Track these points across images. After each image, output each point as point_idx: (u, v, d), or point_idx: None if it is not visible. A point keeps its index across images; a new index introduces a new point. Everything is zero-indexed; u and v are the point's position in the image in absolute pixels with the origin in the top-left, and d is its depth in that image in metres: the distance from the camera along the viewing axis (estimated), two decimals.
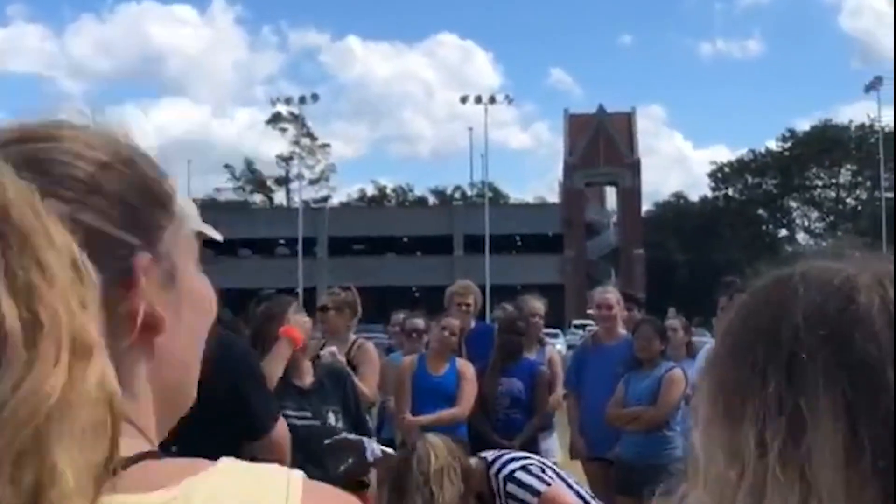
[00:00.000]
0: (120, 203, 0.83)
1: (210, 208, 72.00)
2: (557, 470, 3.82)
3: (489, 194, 69.76)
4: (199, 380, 0.91)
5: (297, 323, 4.52)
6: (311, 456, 4.36)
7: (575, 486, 3.82)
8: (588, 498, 3.80)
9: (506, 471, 3.67)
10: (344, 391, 4.70)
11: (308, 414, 4.47)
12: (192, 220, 0.94)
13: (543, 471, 3.70)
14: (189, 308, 0.88)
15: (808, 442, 0.75)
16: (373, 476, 4.63)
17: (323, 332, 6.21)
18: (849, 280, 0.79)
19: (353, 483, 5.04)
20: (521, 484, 3.64)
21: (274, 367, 4.33)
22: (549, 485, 3.63)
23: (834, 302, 0.78)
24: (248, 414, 3.67)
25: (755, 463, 0.76)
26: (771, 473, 0.75)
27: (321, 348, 6.13)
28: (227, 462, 0.80)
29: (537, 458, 3.84)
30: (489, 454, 3.87)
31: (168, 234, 0.87)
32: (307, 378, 4.59)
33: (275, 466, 0.81)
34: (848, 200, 73.63)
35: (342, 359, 6.04)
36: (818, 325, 0.77)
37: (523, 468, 3.67)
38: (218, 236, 1.10)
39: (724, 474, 0.78)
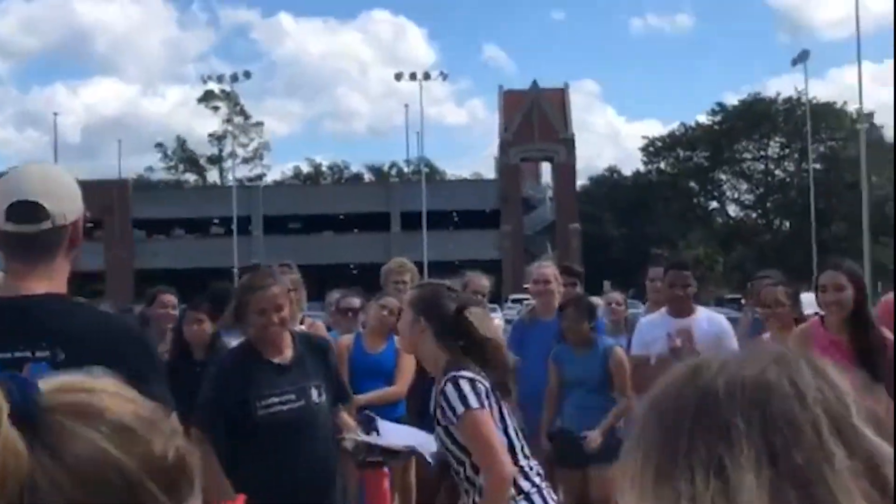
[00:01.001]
0: (164, 464, 0.91)
1: (142, 188, 70.98)
2: (504, 409, 3.68)
3: (425, 171, 69.67)
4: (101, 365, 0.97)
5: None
6: (300, 441, 4.34)
7: (508, 429, 3.67)
8: (518, 448, 3.67)
9: (453, 374, 3.58)
10: (326, 363, 4.57)
11: (291, 395, 4.34)
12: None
13: (488, 396, 3.58)
14: None
15: (736, 488, 0.84)
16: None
17: None
18: (756, 361, 0.92)
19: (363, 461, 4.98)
20: (457, 389, 3.53)
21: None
22: (482, 408, 3.51)
23: (749, 377, 0.90)
24: None
25: None
26: None
27: (301, 322, 6.10)
28: None
29: (489, 385, 3.62)
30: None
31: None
32: (287, 352, 4.44)
33: None
34: (776, 172, 74.77)
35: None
36: (738, 394, 0.89)
37: (470, 380, 3.56)
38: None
39: None
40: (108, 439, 0.88)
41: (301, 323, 6.25)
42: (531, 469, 3.67)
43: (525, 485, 3.61)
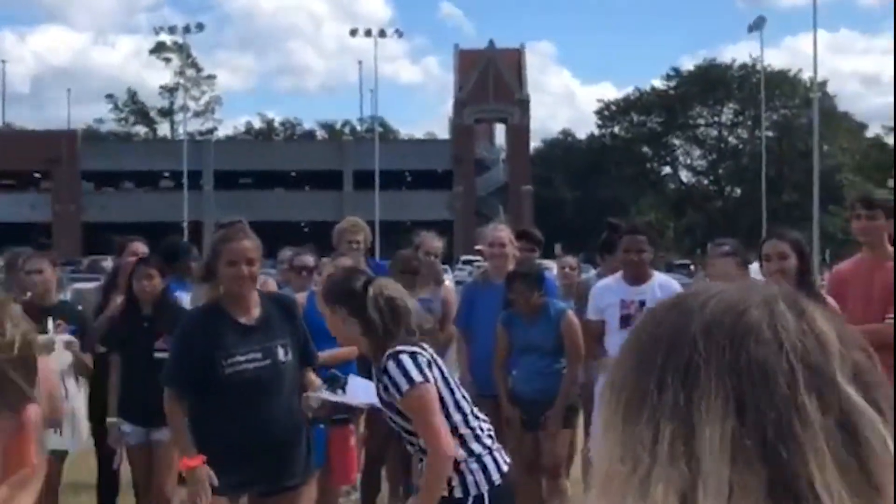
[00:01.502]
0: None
1: (92, 139, 69.82)
2: (448, 375, 3.72)
3: (379, 129, 69.29)
4: None
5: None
6: (266, 400, 4.40)
7: (454, 394, 3.71)
8: (466, 410, 3.71)
9: (393, 350, 3.60)
10: (293, 321, 4.62)
11: (258, 355, 4.39)
12: None
13: (430, 366, 3.61)
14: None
15: (697, 437, 0.81)
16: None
17: None
18: (742, 300, 0.87)
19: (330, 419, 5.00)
20: (400, 366, 3.56)
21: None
22: (426, 381, 3.54)
23: (729, 316, 0.86)
24: None
25: (647, 458, 0.82)
26: (659, 466, 0.81)
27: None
28: None
29: (433, 353, 3.69)
30: None
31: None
32: (254, 312, 4.48)
33: None
34: (730, 139, 75.30)
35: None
36: (714, 334, 0.85)
37: (411, 354, 3.59)
38: None
39: (617, 471, 0.84)
40: None
41: None
42: (482, 431, 3.69)
43: (476, 447, 3.64)
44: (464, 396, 3.76)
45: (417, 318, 3.79)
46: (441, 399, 3.64)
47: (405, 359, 3.57)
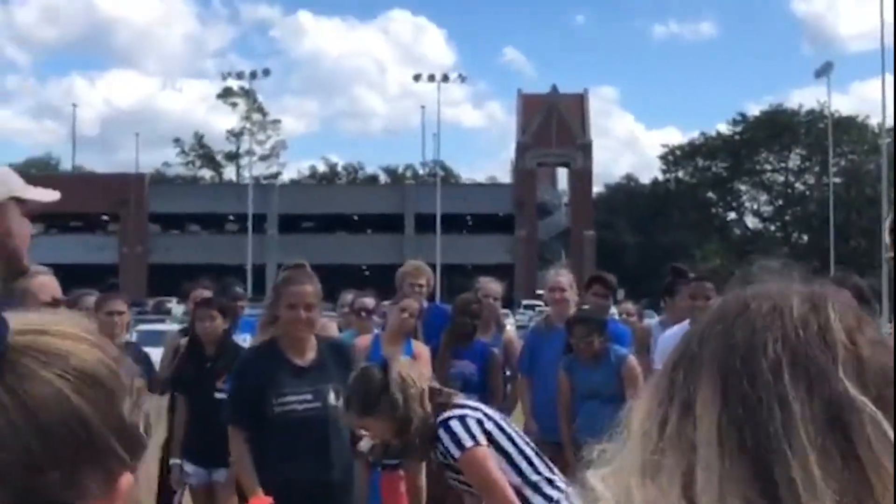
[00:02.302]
0: (123, 420, 0.87)
1: (159, 182, 71.15)
2: (503, 425, 3.69)
3: (441, 173, 69.63)
4: None
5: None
6: (315, 441, 4.44)
7: (517, 444, 3.69)
8: (529, 455, 3.69)
9: (444, 416, 3.61)
10: (346, 367, 4.58)
11: (308, 396, 4.45)
12: None
13: (481, 424, 3.60)
14: None
15: (695, 425, 0.84)
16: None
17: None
18: (760, 293, 0.89)
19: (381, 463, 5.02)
20: (449, 432, 3.57)
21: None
22: (476, 444, 3.54)
23: (736, 306, 0.88)
24: None
25: (657, 434, 0.86)
26: (669, 443, 0.85)
27: None
28: None
29: (485, 410, 3.70)
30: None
31: (141, 462, 0.90)
32: (309, 355, 4.55)
33: None
34: (796, 185, 74.48)
35: None
36: (714, 324, 0.88)
37: (460, 418, 3.58)
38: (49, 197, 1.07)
39: (639, 443, 0.88)
40: (72, 386, 0.84)
41: None
42: (555, 474, 3.71)
43: (552, 492, 3.65)
44: (527, 443, 3.75)
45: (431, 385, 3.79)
46: (503, 451, 3.63)
47: (454, 424, 3.59)
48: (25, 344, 0.85)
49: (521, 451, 3.69)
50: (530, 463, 3.69)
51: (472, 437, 3.56)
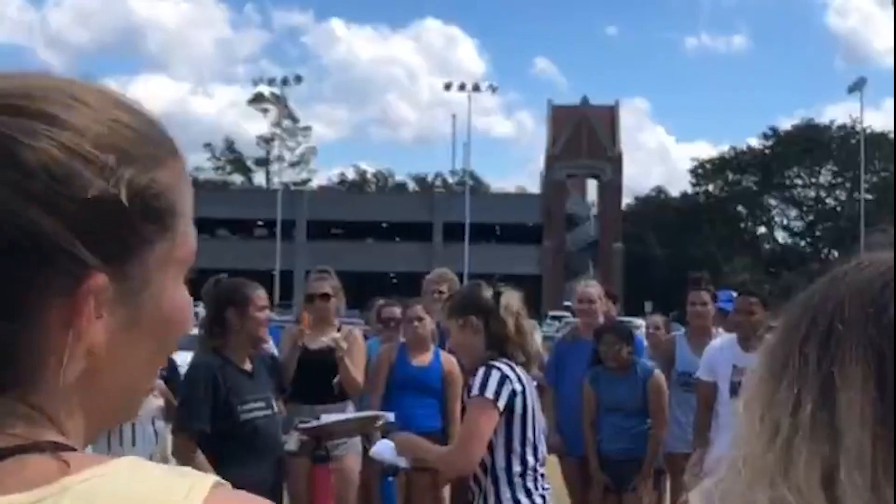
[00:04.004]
0: (90, 209, 0.73)
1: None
2: (532, 414, 3.73)
3: (470, 182, 69.66)
4: None
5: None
6: (272, 449, 4.58)
7: (528, 433, 3.72)
8: (530, 464, 3.72)
9: (495, 363, 3.70)
10: (277, 378, 4.93)
11: (262, 403, 4.57)
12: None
13: (513, 397, 3.65)
14: (148, 328, 0.78)
15: (838, 404, 0.78)
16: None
17: (313, 319, 6.10)
18: (891, 268, 0.84)
19: (312, 456, 5.19)
20: (485, 375, 3.66)
21: None
22: (494, 402, 3.61)
23: (875, 283, 0.83)
24: None
25: (788, 426, 0.80)
26: (802, 431, 0.79)
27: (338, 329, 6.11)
28: (124, 462, 0.71)
29: (527, 387, 3.74)
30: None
31: (153, 250, 0.78)
32: (247, 364, 4.67)
33: (181, 470, 0.73)
34: (827, 200, 73.94)
35: (345, 345, 5.95)
36: (858, 300, 0.82)
37: (503, 376, 3.65)
38: None
39: (759, 433, 0.82)
40: (17, 191, 0.71)
41: (338, 330, 6.17)
42: (537, 488, 3.72)
43: (525, 501, 3.68)
44: (534, 448, 3.74)
45: (534, 344, 3.93)
46: (509, 431, 3.68)
47: (494, 374, 3.65)
48: None
49: (524, 439, 3.71)
50: (523, 452, 3.70)
51: (497, 395, 3.62)
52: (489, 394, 3.61)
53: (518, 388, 3.67)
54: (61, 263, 0.72)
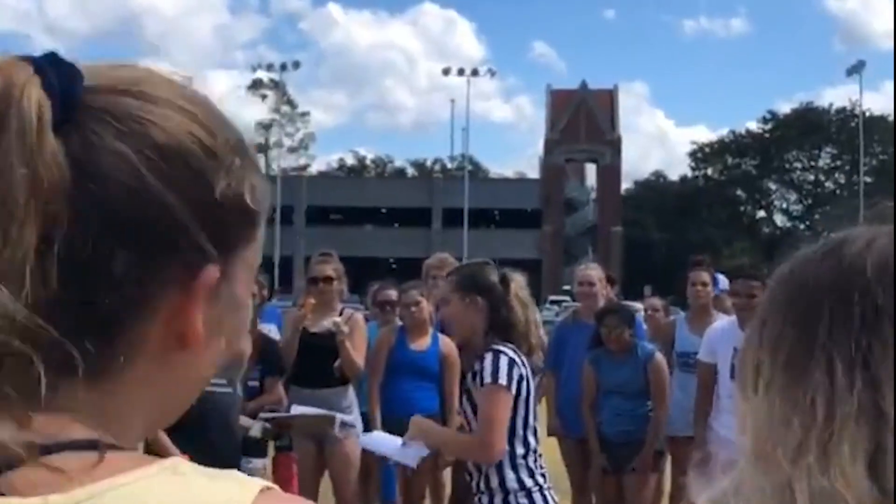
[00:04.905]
0: (215, 203, 0.74)
1: None
2: (531, 399, 3.78)
3: (469, 168, 69.60)
4: None
5: None
6: (225, 424, 4.71)
7: (530, 419, 3.77)
8: (531, 447, 3.78)
9: (498, 347, 3.72)
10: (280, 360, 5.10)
11: (223, 381, 4.73)
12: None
13: (521, 381, 3.69)
14: (230, 322, 0.79)
15: (885, 387, 0.73)
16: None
17: (315, 303, 6.12)
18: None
19: (274, 444, 5.28)
20: (495, 362, 3.68)
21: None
22: (508, 387, 3.65)
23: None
24: None
25: (823, 418, 0.75)
26: (843, 419, 0.74)
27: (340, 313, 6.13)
28: (167, 464, 0.70)
29: (529, 371, 3.79)
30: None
31: (245, 251, 0.79)
32: None
33: (230, 475, 0.71)
34: (827, 184, 73.94)
35: (346, 329, 5.97)
36: (888, 272, 0.76)
37: (511, 360, 3.69)
38: None
39: (781, 436, 0.77)
40: (150, 164, 0.70)
41: (339, 314, 6.19)
42: (537, 468, 3.79)
43: (528, 482, 3.73)
44: (534, 430, 3.82)
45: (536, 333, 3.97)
46: (514, 415, 3.72)
47: (503, 359, 3.68)
48: (101, 106, 0.71)
49: (526, 424, 3.76)
50: (525, 435, 3.76)
51: (509, 379, 3.66)
52: (502, 380, 3.65)
53: (524, 372, 3.73)
54: (186, 252, 0.72)
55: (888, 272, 0.77)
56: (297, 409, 5.36)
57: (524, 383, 3.71)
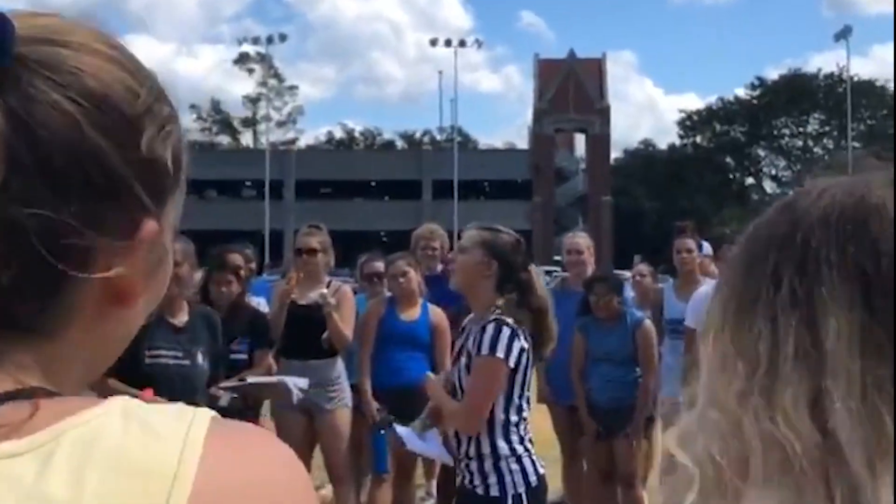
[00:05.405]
0: (149, 155, 0.73)
1: None
2: (528, 371, 3.80)
3: (458, 139, 69.46)
4: None
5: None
6: (179, 395, 4.65)
7: (524, 392, 3.80)
8: (524, 414, 3.82)
9: (503, 318, 3.74)
10: (213, 335, 5.07)
11: (179, 353, 4.79)
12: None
13: (521, 354, 3.70)
14: (160, 275, 0.79)
15: (822, 331, 0.74)
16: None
17: (301, 275, 6.12)
18: (861, 183, 0.80)
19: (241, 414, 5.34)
20: (496, 334, 3.69)
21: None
22: (505, 360, 3.66)
23: (848, 200, 0.79)
24: None
25: (767, 359, 0.76)
26: (783, 366, 0.75)
27: (327, 285, 6.12)
28: (118, 403, 0.69)
29: (525, 334, 3.78)
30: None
31: (173, 203, 0.79)
32: (181, 317, 4.90)
33: (178, 408, 0.70)
34: (815, 150, 73.98)
35: (333, 301, 5.97)
36: (832, 220, 0.78)
37: (513, 331, 3.70)
38: None
39: (727, 380, 0.78)
40: (86, 114, 0.69)
41: (327, 286, 6.19)
42: (526, 435, 3.84)
43: (518, 448, 3.77)
44: (527, 399, 3.86)
45: (551, 321, 3.95)
46: (512, 385, 3.75)
47: (505, 331, 3.70)
48: (36, 57, 0.69)
49: (521, 395, 3.80)
50: (519, 407, 3.79)
51: (508, 352, 3.68)
52: (500, 352, 3.67)
53: (525, 345, 3.75)
54: (126, 205, 0.71)
55: (831, 219, 0.77)
56: (251, 378, 5.39)
57: (524, 354, 3.74)
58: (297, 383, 5.54)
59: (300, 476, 0.71)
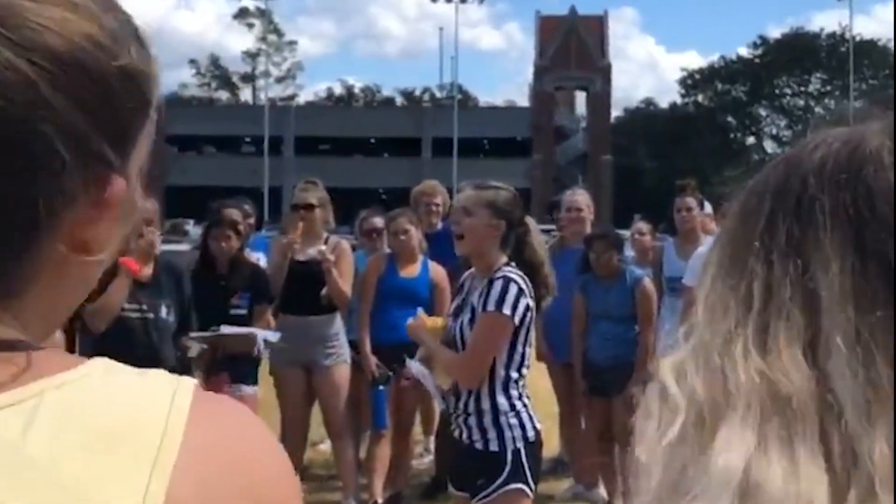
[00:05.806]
0: (105, 100, 0.70)
1: (174, 104, 70.84)
2: (530, 326, 3.83)
3: (458, 97, 69.14)
4: None
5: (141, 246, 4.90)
6: (143, 348, 4.81)
7: (525, 355, 3.84)
8: (524, 370, 3.87)
9: (510, 274, 3.76)
10: (179, 288, 5.16)
11: (143, 307, 4.91)
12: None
13: (526, 311, 3.73)
14: (122, 225, 0.76)
15: (815, 278, 0.74)
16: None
17: (300, 231, 6.11)
18: (857, 132, 0.81)
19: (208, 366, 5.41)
20: (504, 289, 3.71)
21: (115, 299, 4.78)
22: (510, 318, 3.69)
23: (844, 148, 0.79)
24: None
25: (760, 303, 0.76)
26: (780, 304, 0.75)
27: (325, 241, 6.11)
28: (100, 363, 0.69)
29: (531, 291, 3.81)
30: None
31: (140, 148, 0.76)
32: (147, 270, 4.99)
33: (160, 373, 0.70)
34: (817, 109, 73.67)
35: (331, 257, 5.96)
36: (827, 168, 0.78)
37: (520, 290, 3.72)
38: None
39: (729, 311, 0.78)
40: (44, 75, 0.66)
41: (325, 242, 6.18)
42: (523, 391, 3.89)
43: (517, 403, 3.82)
44: (528, 354, 3.90)
45: (549, 274, 4.03)
46: (515, 341, 3.78)
47: (513, 287, 3.72)
48: None
49: (525, 350, 3.84)
50: (520, 363, 3.83)
51: (514, 309, 3.70)
52: (506, 309, 3.69)
53: (531, 302, 3.78)
54: (90, 164, 0.69)
55: (826, 167, 0.78)
56: (224, 329, 5.43)
57: (529, 312, 3.77)
58: (267, 336, 5.56)
59: (282, 452, 0.74)
